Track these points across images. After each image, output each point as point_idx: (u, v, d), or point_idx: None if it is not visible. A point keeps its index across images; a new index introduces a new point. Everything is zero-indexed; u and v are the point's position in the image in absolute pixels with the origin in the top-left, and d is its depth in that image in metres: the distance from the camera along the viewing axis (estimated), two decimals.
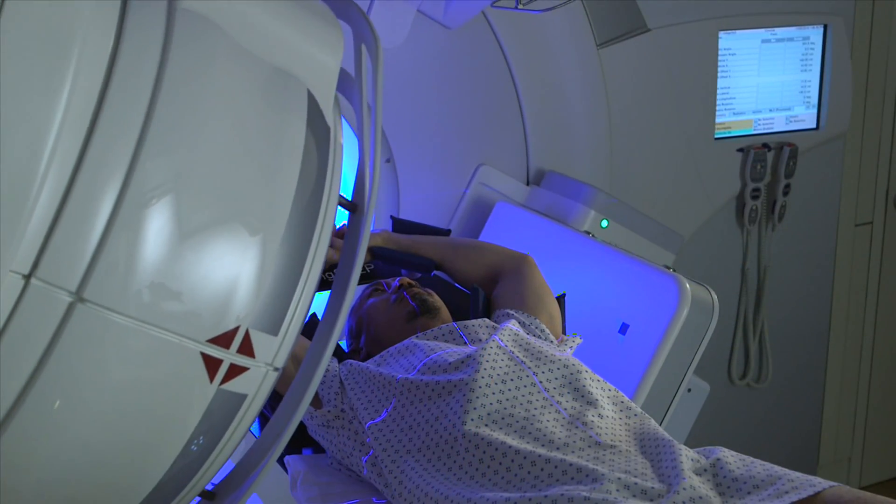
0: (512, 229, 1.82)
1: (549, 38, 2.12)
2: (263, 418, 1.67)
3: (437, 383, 1.37)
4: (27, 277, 0.75)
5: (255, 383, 0.87)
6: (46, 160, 0.73)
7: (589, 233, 2.03)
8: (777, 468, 1.21)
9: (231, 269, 0.82)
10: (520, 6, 1.95)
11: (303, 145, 0.87)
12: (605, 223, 2.11)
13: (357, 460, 1.41)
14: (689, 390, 1.79)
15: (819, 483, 1.16)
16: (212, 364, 0.82)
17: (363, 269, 1.84)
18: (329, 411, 1.44)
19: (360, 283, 1.83)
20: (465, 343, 1.50)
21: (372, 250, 1.79)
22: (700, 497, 1.15)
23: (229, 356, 0.83)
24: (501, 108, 2.18)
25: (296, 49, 0.90)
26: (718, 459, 1.23)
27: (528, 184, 2.22)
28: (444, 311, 1.63)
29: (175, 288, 0.79)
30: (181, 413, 0.84)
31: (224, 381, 0.84)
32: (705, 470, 1.22)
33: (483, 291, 1.70)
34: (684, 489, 1.15)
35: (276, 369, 0.88)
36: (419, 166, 2.10)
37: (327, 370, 1.47)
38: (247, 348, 0.84)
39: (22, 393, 0.77)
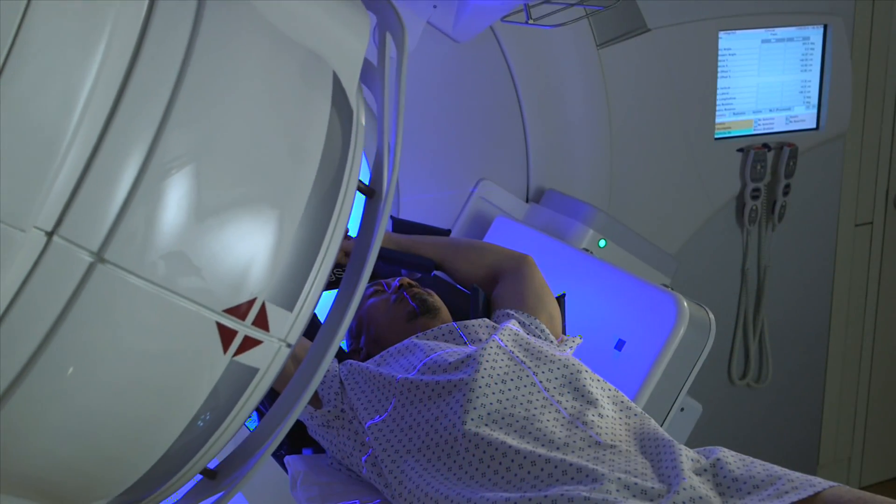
0: (511, 244, 1.84)
1: (550, 39, 2.12)
2: (261, 415, 1.67)
3: (437, 383, 1.37)
4: (50, 235, 0.75)
5: (268, 358, 0.86)
6: (78, 117, 0.73)
7: (587, 250, 2.04)
8: (777, 468, 1.21)
9: (251, 242, 0.82)
10: (530, 21, 1.95)
11: (327, 125, 0.88)
12: (602, 243, 2.11)
13: (357, 460, 1.41)
14: (682, 409, 1.81)
15: (819, 483, 1.16)
16: (226, 335, 0.82)
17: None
18: (329, 411, 1.44)
19: None
20: (465, 343, 1.50)
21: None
22: (700, 497, 1.15)
23: (244, 328, 0.83)
24: (505, 123, 2.19)
25: (324, 30, 0.91)
26: (718, 459, 1.23)
27: (527, 201, 2.23)
28: (444, 311, 1.63)
29: (195, 256, 0.80)
30: (192, 384, 0.83)
31: (237, 352, 0.83)
32: (705, 470, 1.22)
33: (483, 291, 1.70)
34: (684, 489, 1.15)
35: (288, 345, 0.88)
36: (420, 177, 2.11)
37: (327, 370, 1.47)
38: (262, 321, 0.84)
39: (35, 353, 0.76)
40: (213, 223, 0.80)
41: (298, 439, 1.56)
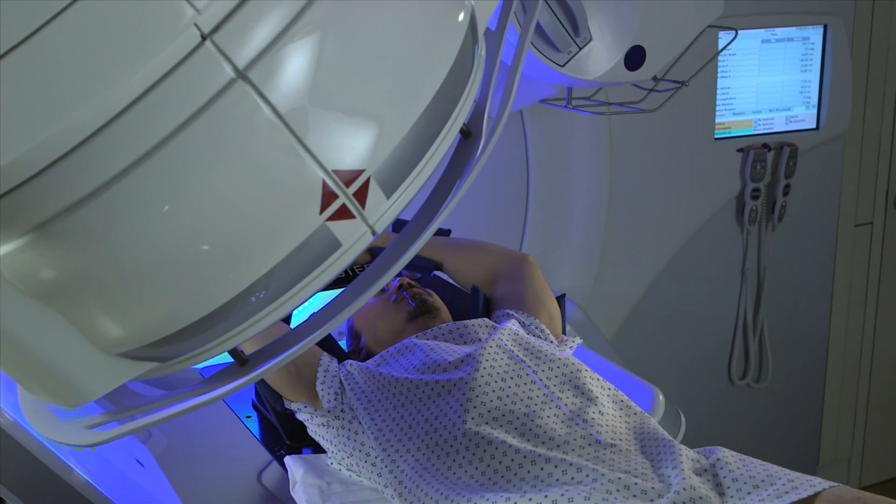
0: None
1: None
2: (263, 418, 1.67)
3: (437, 382, 1.37)
4: (204, 38, 0.75)
5: (353, 237, 0.86)
6: None
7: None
8: (777, 468, 1.21)
9: (377, 114, 0.84)
10: (570, 105, 1.99)
11: (462, 38, 0.91)
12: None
13: (357, 460, 1.41)
14: None
15: (819, 483, 1.16)
16: (327, 196, 0.82)
17: (363, 269, 1.84)
18: (329, 411, 1.44)
19: None
20: (465, 343, 1.50)
21: (371, 250, 1.79)
22: (700, 497, 1.15)
23: (345, 195, 0.83)
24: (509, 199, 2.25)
25: None
26: (718, 459, 1.23)
27: None
28: (444, 311, 1.63)
29: (325, 108, 0.80)
30: (283, 232, 0.83)
31: (331, 218, 0.83)
32: (705, 470, 1.22)
33: (483, 291, 1.70)
34: (684, 489, 1.15)
35: (373, 233, 0.87)
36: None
37: (328, 370, 1.47)
38: (362, 196, 0.84)
39: (150, 151, 0.76)
40: (352, 84, 0.81)
41: (298, 439, 1.56)
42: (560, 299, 1.70)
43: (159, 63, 0.74)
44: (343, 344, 1.71)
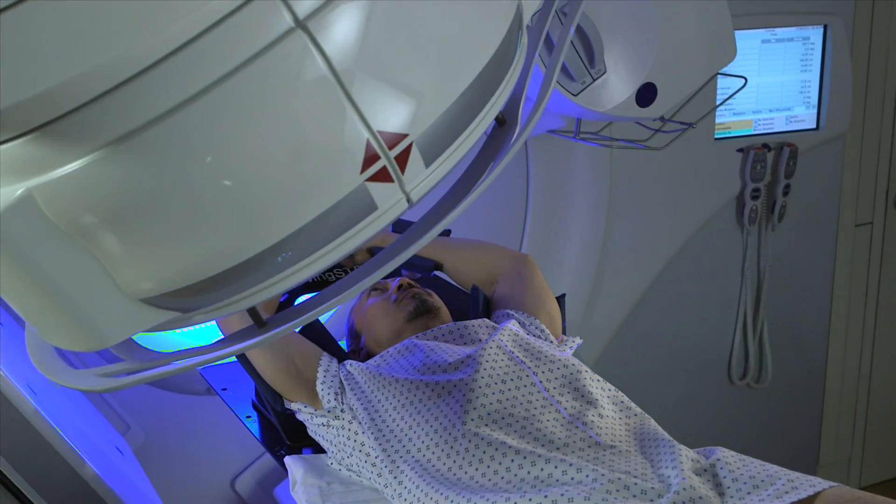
0: None
1: None
2: (263, 418, 1.67)
3: (437, 383, 1.37)
4: None
5: (389, 202, 0.86)
6: None
7: None
8: (777, 468, 1.21)
9: (427, 81, 0.85)
10: (577, 137, 2.03)
11: (510, 22, 0.94)
12: None
13: (357, 460, 1.41)
14: None
15: (819, 483, 1.16)
16: (369, 157, 0.83)
17: None
18: (329, 411, 1.44)
19: None
20: (465, 343, 1.50)
21: (371, 251, 1.79)
22: (700, 497, 1.15)
23: (386, 157, 0.84)
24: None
25: None
26: (718, 459, 1.23)
27: None
28: (444, 311, 1.63)
29: (378, 69, 0.81)
30: (323, 186, 0.83)
31: (370, 179, 0.84)
32: (705, 470, 1.22)
33: (483, 291, 1.70)
34: (684, 489, 1.15)
35: (409, 202, 0.88)
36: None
37: (328, 370, 1.47)
38: (402, 160, 0.85)
39: (204, 90, 0.77)
40: (405, 49, 0.83)
41: (298, 439, 1.56)
42: (560, 299, 1.70)
43: (222, 4, 0.75)
44: (343, 344, 1.71)
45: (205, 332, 2.11)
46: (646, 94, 1.84)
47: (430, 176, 0.88)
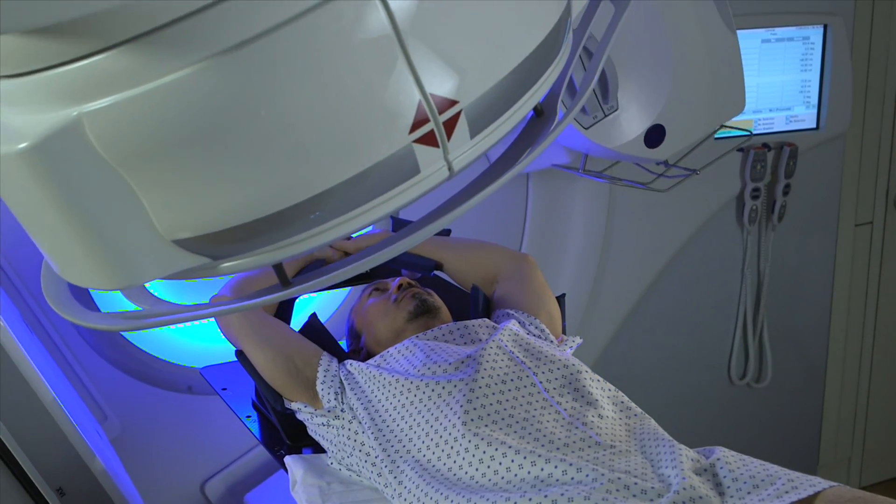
0: None
1: None
2: (263, 418, 1.67)
3: (437, 383, 1.37)
4: None
5: (431, 168, 0.88)
6: None
7: None
8: (777, 468, 1.21)
9: (482, 52, 0.87)
10: (582, 171, 2.06)
11: (561, 11, 0.97)
12: None
13: (357, 460, 1.41)
14: None
15: (819, 483, 1.16)
16: (419, 119, 0.85)
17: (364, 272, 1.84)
18: (329, 411, 1.44)
19: (359, 283, 1.83)
20: (465, 343, 1.50)
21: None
22: (700, 497, 1.15)
23: (435, 121, 0.86)
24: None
25: None
26: (718, 459, 1.23)
27: None
28: (444, 311, 1.63)
29: (439, 32, 0.84)
30: (368, 142, 0.84)
31: (417, 140, 0.86)
32: (705, 470, 1.22)
33: (483, 291, 1.70)
34: (684, 489, 1.15)
35: (450, 170, 0.89)
36: None
37: (328, 370, 1.47)
38: (450, 126, 0.87)
39: (276, 27, 0.78)
40: (467, 18, 0.85)
41: (298, 439, 1.56)
42: (560, 299, 1.70)
43: None
44: (343, 344, 1.71)
45: (205, 327, 2.11)
46: (654, 136, 1.88)
47: (472, 147, 0.90)
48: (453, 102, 0.86)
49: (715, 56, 1.93)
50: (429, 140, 0.86)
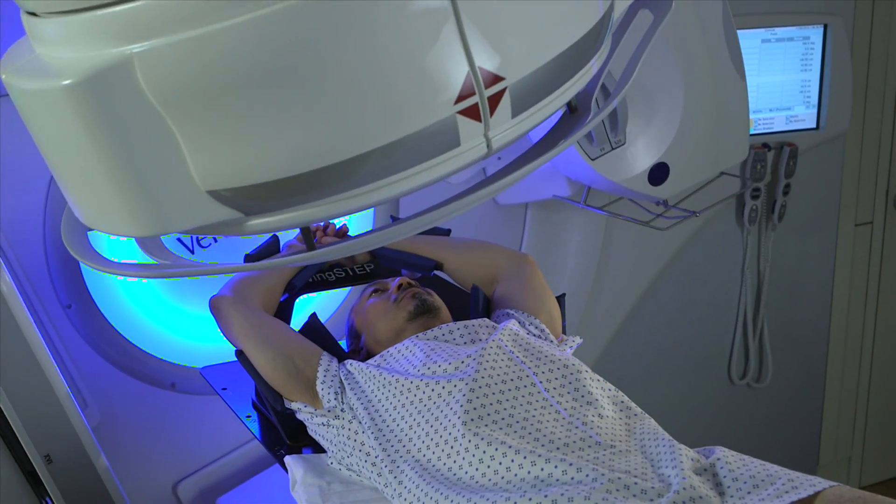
0: None
1: None
2: (263, 418, 1.67)
3: (437, 383, 1.37)
4: None
5: (471, 142, 0.88)
6: None
7: None
8: (777, 468, 1.21)
9: (531, 34, 0.89)
10: (584, 204, 2.08)
11: (603, 11, 0.99)
12: None
13: (357, 460, 1.41)
14: None
15: (819, 483, 1.16)
16: (465, 91, 0.85)
17: (363, 268, 1.84)
18: (329, 411, 1.44)
19: (359, 283, 1.83)
20: (465, 343, 1.50)
21: (372, 252, 1.79)
22: (700, 497, 1.15)
23: (480, 95, 0.86)
24: None
25: None
26: (718, 459, 1.23)
27: None
28: (444, 311, 1.63)
29: (493, 7, 0.85)
30: (414, 108, 0.85)
31: (461, 112, 0.86)
32: (705, 470, 1.22)
33: (483, 291, 1.70)
34: (684, 489, 1.15)
35: (488, 146, 0.90)
36: None
37: (328, 370, 1.47)
38: (494, 102, 0.88)
39: None
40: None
41: (298, 439, 1.56)
42: (560, 299, 1.70)
43: None
44: (343, 344, 1.71)
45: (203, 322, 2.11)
46: (658, 174, 1.89)
47: (512, 127, 0.90)
48: (500, 78, 0.86)
49: (723, 99, 1.94)
50: (472, 113, 0.86)
